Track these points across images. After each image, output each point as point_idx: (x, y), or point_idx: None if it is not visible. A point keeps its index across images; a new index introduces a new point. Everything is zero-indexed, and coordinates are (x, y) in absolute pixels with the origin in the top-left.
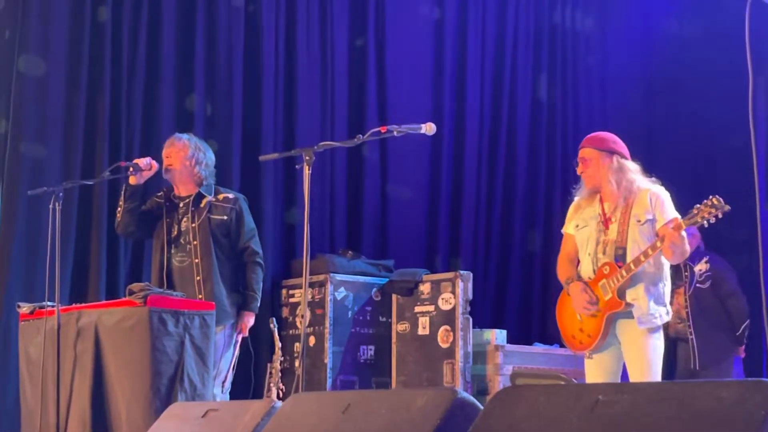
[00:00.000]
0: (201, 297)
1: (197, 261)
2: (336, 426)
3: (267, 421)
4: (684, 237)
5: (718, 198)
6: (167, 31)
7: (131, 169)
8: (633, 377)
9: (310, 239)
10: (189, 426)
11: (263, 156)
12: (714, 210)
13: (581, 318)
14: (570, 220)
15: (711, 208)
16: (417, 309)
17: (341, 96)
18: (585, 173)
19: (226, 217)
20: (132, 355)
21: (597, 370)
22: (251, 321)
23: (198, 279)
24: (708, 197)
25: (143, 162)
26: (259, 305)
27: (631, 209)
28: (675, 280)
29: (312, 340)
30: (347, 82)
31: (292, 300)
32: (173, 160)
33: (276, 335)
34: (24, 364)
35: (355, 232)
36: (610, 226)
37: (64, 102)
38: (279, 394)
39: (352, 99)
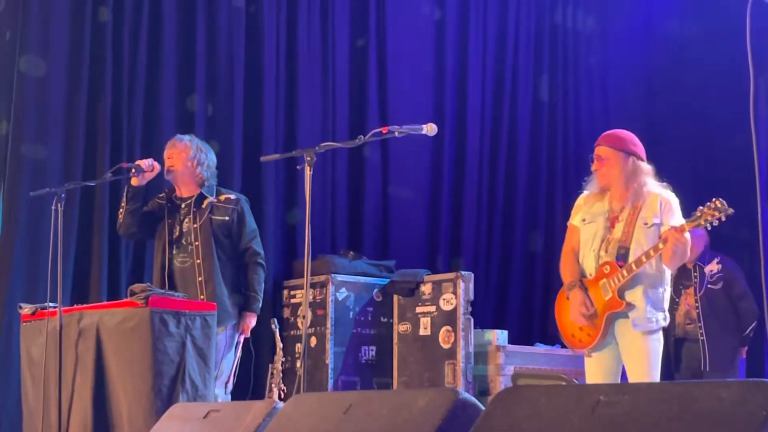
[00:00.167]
0: (202, 298)
1: (199, 262)
2: (337, 426)
3: (268, 422)
4: (687, 240)
5: (721, 201)
6: (168, 32)
7: (133, 171)
8: (632, 378)
9: (311, 240)
10: (190, 426)
11: (264, 157)
12: (717, 213)
13: None
14: (577, 212)
15: (714, 210)
16: (418, 309)
17: (342, 96)
18: (600, 171)
19: (227, 218)
20: (133, 356)
21: (597, 369)
22: (253, 322)
23: (200, 280)
24: (711, 199)
25: (145, 163)
26: (261, 306)
27: (640, 211)
28: (683, 280)
29: (313, 340)
30: (348, 82)
31: (293, 300)
32: (175, 161)
33: (277, 336)
34: (26, 364)
35: (357, 232)
36: (616, 225)
37: (64, 102)
38: (280, 394)
39: (353, 99)
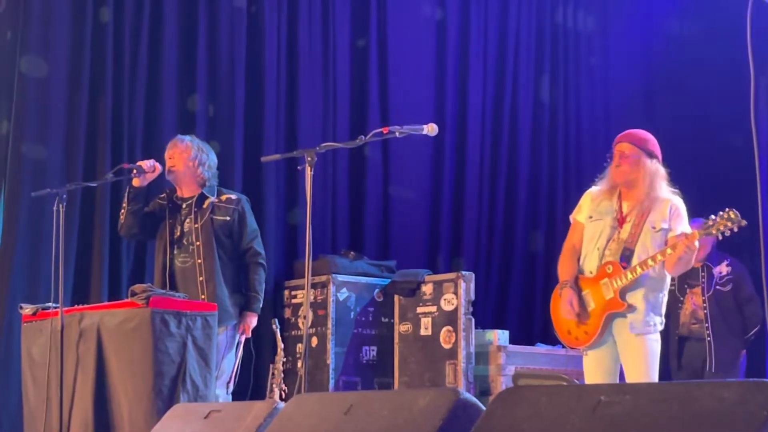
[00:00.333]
0: (203, 298)
1: (200, 262)
2: (338, 427)
3: (269, 422)
4: (696, 248)
5: (735, 212)
6: (169, 32)
7: (135, 171)
8: (629, 378)
9: (312, 240)
10: (191, 427)
11: (265, 157)
12: (730, 223)
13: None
14: (583, 208)
15: (727, 221)
16: (419, 310)
17: (343, 97)
18: (621, 168)
19: (228, 218)
20: (134, 356)
21: (595, 368)
22: (254, 322)
23: (201, 280)
24: (725, 209)
25: (147, 164)
26: (262, 306)
27: (648, 214)
28: (689, 279)
29: (314, 340)
30: (349, 82)
31: (294, 301)
32: (176, 161)
33: (278, 336)
34: (27, 365)
35: (357, 232)
36: (624, 225)
37: (65, 103)
38: (281, 394)
39: (354, 100)
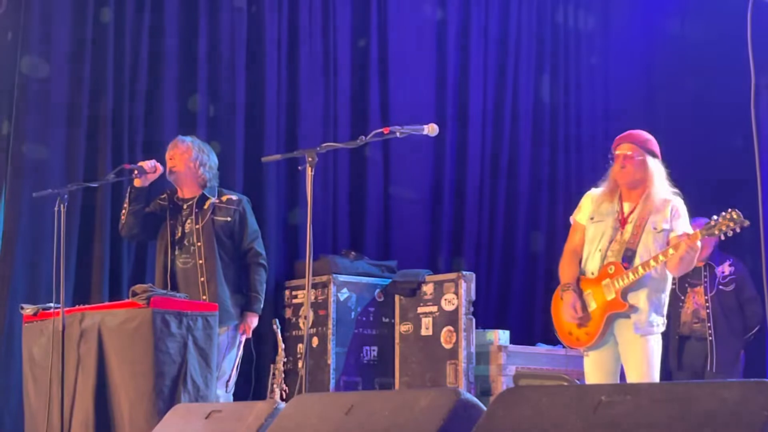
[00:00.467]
0: (205, 298)
1: (201, 262)
2: (339, 427)
3: (270, 422)
4: (699, 249)
5: (737, 212)
6: (170, 32)
7: (136, 172)
8: (630, 378)
9: (312, 240)
10: (192, 427)
11: (266, 157)
12: (732, 224)
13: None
14: (584, 209)
15: (730, 221)
16: (420, 310)
17: (344, 97)
18: (626, 169)
19: (229, 219)
20: (135, 357)
21: (596, 368)
22: (255, 322)
23: (202, 280)
24: (727, 209)
25: (148, 164)
26: (262, 306)
27: (650, 215)
28: (691, 278)
29: (315, 341)
30: (350, 82)
31: (295, 301)
32: (177, 162)
33: (279, 336)
34: (27, 365)
35: (358, 232)
36: (625, 226)
37: (66, 103)
38: (282, 395)
39: (354, 100)
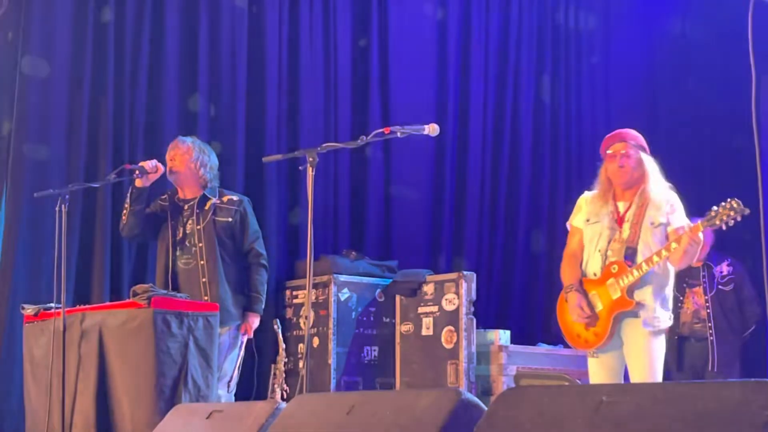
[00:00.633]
0: (206, 299)
1: (202, 263)
2: (340, 427)
3: (271, 422)
4: (701, 240)
5: (737, 201)
6: (170, 32)
7: (137, 172)
8: (634, 378)
9: (313, 240)
10: (193, 427)
11: (267, 157)
12: (733, 213)
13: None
14: (579, 213)
15: (730, 210)
16: (420, 310)
17: (344, 97)
18: (624, 168)
19: (230, 219)
20: (136, 357)
21: (600, 370)
22: (256, 322)
23: (203, 281)
24: (726, 199)
25: (149, 165)
26: (264, 306)
27: (646, 211)
28: (689, 279)
29: (316, 341)
30: (350, 82)
31: (295, 301)
32: (178, 162)
33: (280, 336)
34: (28, 365)
35: (359, 232)
36: (623, 225)
37: (67, 103)
38: (283, 395)
39: (355, 100)
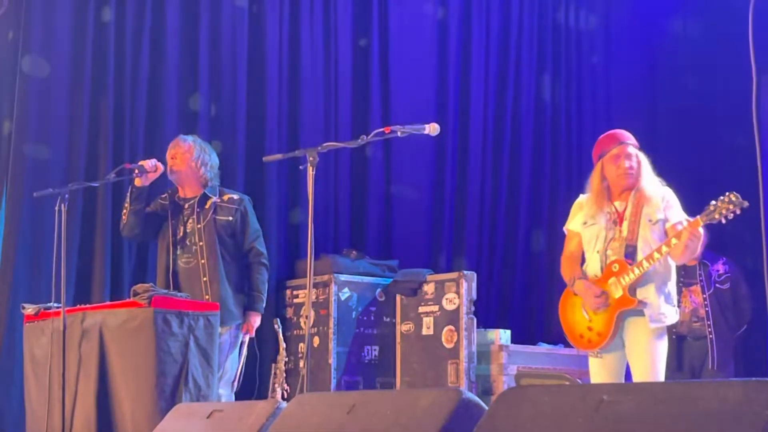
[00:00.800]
0: (207, 298)
1: (203, 262)
2: (341, 426)
3: (272, 422)
4: (702, 234)
5: (735, 194)
6: (171, 32)
7: (137, 171)
8: (636, 377)
9: (314, 240)
10: (194, 426)
11: (267, 157)
12: (732, 206)
13: (589, 317)
14: (574, 216)
15: (729, 204)
16: (421, 309)
17: (345, 96)
18: (633, 170)
19: (231, 218)
20: (136, 356)
21: (602, 370)
22: (257, 321)
23: (204, 280)
24: (724, 193)
25: (149, 164)
26: (264, 306)
27: (642, 208)
28: (685, 278)
29: (316, 340)
30: (351, 82)
31: (296, 300)
32: (178, 161)
33: (280, 336)
34: (29, 365)
35: (359, 232)
36: (622, 223)
37: (67, 102)
38: (283, 394)
39: (355, 99)
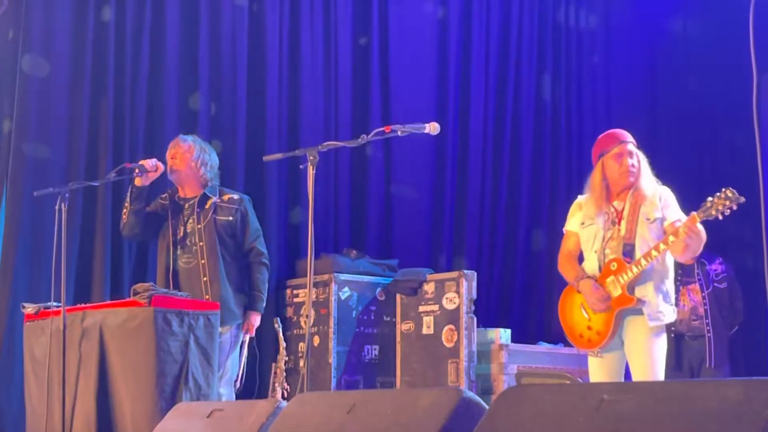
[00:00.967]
0: (207, 298)
1: (203, 262)
2: (341, 426)
3: (272, 421)
4: (701, 230)
5: (732, 190)
6: (171, 31)
7: (137, 171)
8: (636, 376)
9: (314, 239)
10: (194, 426)
11: (267, 156)
12: (728, 202)
13: (589, 316)
14: (572, 217)
15: (725, 200)
16: (421, 308)
17: (345, 95)
18: (636, 168)
19: (231, 218)
20: (137, 356)
21: (601, 369)
22: (257, 321)
23: (205, 280)
24: (721, 189)
25: (149, 163)
26: (265, 305)
27: (640, 207)
28: (683, 276)
29: (316, 339)
30: (351, 81)
31: (296, 300)
32: (178, 161)
33: (280, 335)
34: (29, 364)
35: (359, 231)
36: (621, 222)
37: (67, 102)
38: (284, 393)
39: (356, 98)
